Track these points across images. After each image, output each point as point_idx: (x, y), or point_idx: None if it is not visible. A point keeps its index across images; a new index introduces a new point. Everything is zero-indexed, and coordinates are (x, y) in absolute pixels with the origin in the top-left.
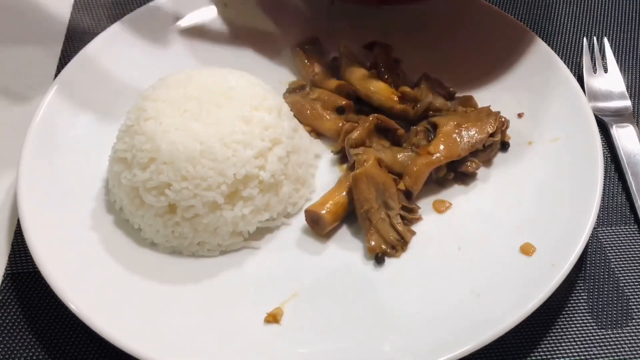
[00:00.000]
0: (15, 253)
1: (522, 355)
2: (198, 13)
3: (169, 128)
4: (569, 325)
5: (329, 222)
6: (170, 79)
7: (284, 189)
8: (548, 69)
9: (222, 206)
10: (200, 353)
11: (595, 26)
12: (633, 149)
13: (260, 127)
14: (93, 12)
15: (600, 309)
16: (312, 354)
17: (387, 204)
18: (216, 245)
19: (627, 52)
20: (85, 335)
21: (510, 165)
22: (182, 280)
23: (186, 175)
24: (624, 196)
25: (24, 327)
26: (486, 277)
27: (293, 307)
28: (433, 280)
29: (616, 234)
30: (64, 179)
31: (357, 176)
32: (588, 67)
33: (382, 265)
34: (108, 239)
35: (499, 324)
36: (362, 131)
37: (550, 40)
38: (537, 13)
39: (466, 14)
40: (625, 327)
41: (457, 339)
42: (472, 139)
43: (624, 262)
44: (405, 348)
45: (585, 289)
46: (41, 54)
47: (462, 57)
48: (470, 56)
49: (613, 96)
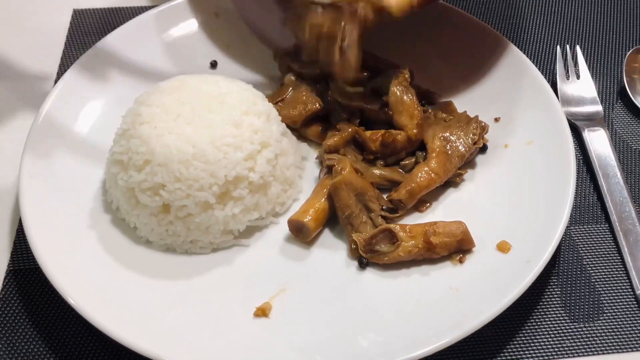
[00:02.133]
0: (17, 250)
1: (499, 347)
2: (191, 22)
3: (163, 132)
4: (544, 319)
5: (313, 229)
6: (164, 85)
7: (272, 189)
8: (523, 76)
9: (213, 206)
10: (192, 345)
11: (568, 35)
12: (604, 151)
13: (249, 131)
14: (91, 21)
15: (573, 303)
16: (297, 346)
17: (368, 207)
18: (208, 243)
19: (599, 60)
20: (83, 328)
21: (488, 167)
22: (175, 277)
23: (179, 176)
24: (595, 196)
25: (26, 321)
26: (464, 274)
27: (281, 302)
28: (413, 277)
29: (588, 232)
30: (64, 180)
31: (336, 184)
32: (561, 73)
33: (365, 268)
34: (105, 237)
35: (476, 318)
36: (338, 139)
37: (526, 49)
38: (513, 22)
39: (445, 23)
40: (597, 320)
41: (435, 333)
42: (460, 153)
43: (595, 259)
44: (384, 342)
45: (558, 284)
46: (42, 61)
47: (441, 64)
48: (448, 63)
49: (585, 101)
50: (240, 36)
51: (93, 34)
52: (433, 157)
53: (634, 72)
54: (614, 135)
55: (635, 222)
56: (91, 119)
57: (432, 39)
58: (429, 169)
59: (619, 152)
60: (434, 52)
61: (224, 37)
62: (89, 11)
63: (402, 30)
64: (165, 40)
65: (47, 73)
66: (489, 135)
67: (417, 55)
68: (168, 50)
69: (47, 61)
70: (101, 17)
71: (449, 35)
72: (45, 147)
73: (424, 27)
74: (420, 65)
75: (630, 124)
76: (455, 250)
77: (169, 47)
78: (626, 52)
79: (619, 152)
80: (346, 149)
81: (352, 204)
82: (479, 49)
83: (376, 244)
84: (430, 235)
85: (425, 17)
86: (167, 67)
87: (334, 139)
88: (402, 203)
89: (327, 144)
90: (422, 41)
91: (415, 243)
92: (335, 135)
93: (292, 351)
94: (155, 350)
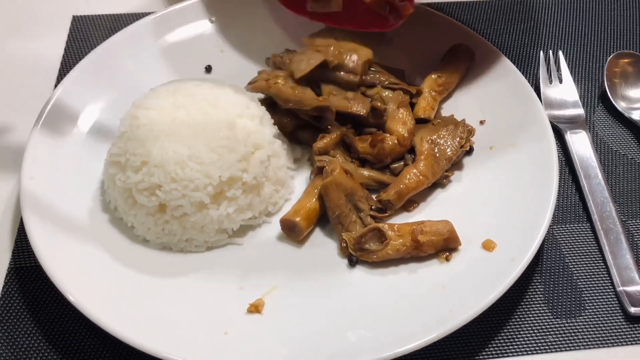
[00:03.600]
0: (18, 248)
1: (484, 342)
2: (187, 28)
3: (159, 134)
4: (527, 315)
5: (304, 228)
6: (160, 89)
7: (265, 189)
8: (508, 80)
9: (208, 206)
10: (187, 340)
11: (551, 41)
12: (585, 153)
13: (243, 133)
14: (90, 27)
15: (556, 300)
16: (288, 341)
17: (357, 207)
18: (203, 241)
19: (580, 65)
20: (82, 323)
21: (474, 169)
22: (171, 274)
23: (175, 177)
24: (577, 197)
25: (27, 317)
26: (450, 271)
27: (273, 299)
28: (401, 275)
29: (570, 231)
30: (63, 181)
31: (327, 185)
32: (544, 78)
33: (355, 266)
34: (104, 236)
35: (463, 314)
36: (328, 141)
37: (510, 54)
38: (497, 29)
39: (432, 29)
40: (579, 316)
41: (423, 329)
42: (447, 156)
43: (577, 257)
44: (373, 338)
45: (541, 281)
46: (43, 65)
47: (428, 69)
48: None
49: (567, 105)
50: (234, 42)
51: (92, 39)
52: (421, 159)
53: (615, 77)
54: (596, 138)
55: (615, 221)
56: (90, 122)
57: (419, 44)
58: (417, 171)
59: (600, 153)
60: (422, 57)
61: (218, 42)
62: (88, 17)
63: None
64: (161, 46)
65: (47, 77)
66: (475, 138)
67: (405, 61)
68: (164, 55)
69: (48, 65)
70: (100, 23)
71: (435, 41)
72: (45, 148)
73: (411, 33)
74: (407, 70)
75: (611, 127)
76: (442, 249)
77: (166, 52)
78: (607, 57)
79: (600, 154)
80: (336, 150)
81: (342, 204)
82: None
83: (365, 243)
84: (418, 234)
85: (413, 23)
86: (164, 71)
87: (324, 141)
88: (390, 203)
89: (318, 146)
90: (409, 47)
91: (403, 242)
92: (325, 138)
93: (284, 346)
94: (152, 345)
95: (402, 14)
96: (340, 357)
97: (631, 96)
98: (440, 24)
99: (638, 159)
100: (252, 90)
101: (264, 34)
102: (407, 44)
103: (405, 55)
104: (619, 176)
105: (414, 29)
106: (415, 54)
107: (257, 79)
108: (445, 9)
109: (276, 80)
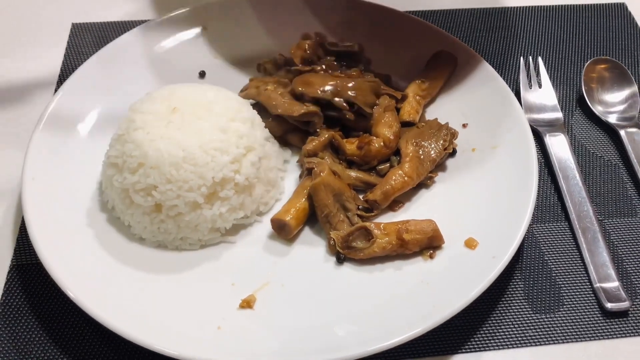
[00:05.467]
0: (19, 247)
1: (467, 337)
2: (181, 35)
3: (155, 137)
4: (508, 310)
5: (294, 227)
6: (156, 93)
7: (256, 190)
8: (489, 85)
9: (202, 205)
10: (182, 333)
11: (531, 47)
12: (564, 155)
13: (235, 136)
14: (89, 34)
15: (535, 295)
16: (279, 335)
17: (345, 207)
18: (197, 240)
19: (559, 70)
20: (81, 318)
21: (457, 170)
22: (166, 271)
23: (170, 178)
24: (555, 197)
25: (28, 312)
26: (434, 268)
27: (264, 295)
28: (387, 272)
29: (549, 230)
30: (63, 181)
31: (316, 186)
32: (524, 83)
33: (342, 264)
34: (102, 235)
35: (446, 309)
36: (317, 144)
37: (492, 60)
38: (479, 36)
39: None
40: (558, 312)
41: (407, 324)
42: (431, 158)
43: (556, 254)
44: (360, 332)
45: (522, 278)
46: (43, 71)
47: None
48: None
49: (546, 109)
50: (227, 48)
51: (90, 46)
52: (406, 161)
53: (592, 82)
54: (573, 140)
55: (592, 220)
56: (88, 125)
57: (404, 51)
58: (402, 172)
59: (578, 155)
60: (407, 63)
61: (211, 49)
62: (86, 25)
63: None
64: (157, 52)
65: (47, 82)
66: (458, 141)
67: (391, 67)
68: (160, 61)
69: (48, 71)
70: (98, 31)
71: (420, 48)
72: (46, 151)
73: (396, 41)
74: (393, 76)
75: (588, 130)
76: (426, 247)
77: (161, 58)
78: (584, 63)
79: (577, 156)
80: (324, 152)
81: (330, 203)
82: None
83: (353, 241)
84: (403, 232)
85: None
86: (159, 76)
87: (313, 144)
88: (377, 203)
89: (307, 149)
90: (395, 54)
91: (389, 240)
92: (314, 140)
93: (275, 340)
94: (148, 339)
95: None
96: (329, 350)
97: (607, 100)
98: (424, 31)
99: (614, 160)
100: (244, 97)
101: (255, 41)
102: (392, 51)
103: (391, 61)
104: (596, 177)
105: (400, 36)
106: (400, 61)
107: (248, 86)
108: (429, 17)
109: (266, 87)
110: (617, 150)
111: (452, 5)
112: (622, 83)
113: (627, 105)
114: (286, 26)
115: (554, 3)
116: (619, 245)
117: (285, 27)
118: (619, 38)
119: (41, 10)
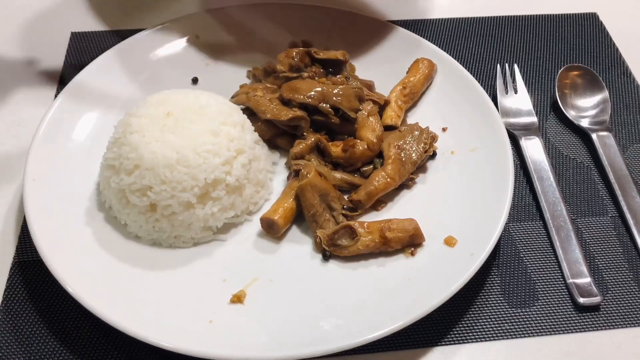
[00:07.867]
0: (21, 244)
1: (446, 330)
2: (175, 43)
3: (150, 140)
4: (485, 305)
5: (282, 225)
6: (151, 98)
7: (246, 190)
8: (467, 91)
9: (194, 205)
10: (175, 327)
11: (507, 55)
12: (538, 157)
13: (226, 139)
14: (87, 42)
15: (511, 291)
16: (268, 329)
17: (331, 206)
18: (190, 238)
19: (534, 77)
20: (80, 313)
21: (437, 172)
22: (161, 268)
23: (165, 179)
24: (531, 197)
25: (29, 306)
26: (416, 265)
27: (254, 290)
28: (370, 268)
29: (524, 228)
30: (63, 182)
31: (303, 186)
32: (501, 89)
33: (328, 261)
34: (99, 233)
35: (426, 304)
36: (304, 147)
37: (470, 66)
38: (458, 43)
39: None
40: (532, 306)
41: (390, 318)
42: (413, 160)
43: (531, 252)
44: (344, 326)
45: (498, 274)
46: (44, 78)
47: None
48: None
49: (522, 113)
50: (218, 56)
51: (89, 53)
52: (389, 163)
53: (565, 88)
54: (548, 143)
55: (566, 220)
56: (87, 129)
57: (387, 59)
58: (385, 173)
59: (552, 157)
60: (389, 70)
61: (203, 56)
62: (85, 34)
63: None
64: (152, 59)
65: (47, 88)
66: (438, 144)
67: (374, 74)
68: (155, 67)
69: (48, 78)
70: (96, 39)
71: (401, 56)
72: (46, 153)
73: (379, 49)
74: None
75: (561, 133)
76: (407, 244)
77: (156, 65)
78: (558, 70)
79: (551, 158)
80: (311, 155)
81: (316, 203)
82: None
83: (338, 239)
84: (386, 231)
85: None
86: (154, 82)
87: (300, 147)
88: (361, 203)
89: (294, 151)
90: (378, 61)
91: (372, 238)
92: (301, 143)
93: (264, 333)
94: (143, 332)
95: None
96: (315, 343)
97: (580, 105)
98: (406, 39)
99: (586, 162)
100: (234, 103)
101: (245, 48)
102: (375, 59)
103: (374, 68)
104: (569, 178)
105: (382, 44)
106: (383, 68)
107: (238, 92)
108: (410, 26)
109: (255, 93)
110: (589, 152)
111: (432, 15)
112: (594, 89)
113: (598, 110)
114: (274, 35)
115: (529, 13)
116: (591, 242)
117: (273, 36)
118: (591, 46)
119: (41, 20)
